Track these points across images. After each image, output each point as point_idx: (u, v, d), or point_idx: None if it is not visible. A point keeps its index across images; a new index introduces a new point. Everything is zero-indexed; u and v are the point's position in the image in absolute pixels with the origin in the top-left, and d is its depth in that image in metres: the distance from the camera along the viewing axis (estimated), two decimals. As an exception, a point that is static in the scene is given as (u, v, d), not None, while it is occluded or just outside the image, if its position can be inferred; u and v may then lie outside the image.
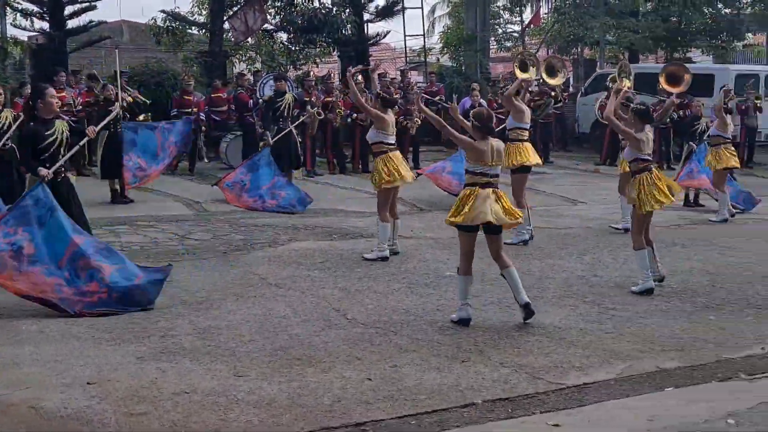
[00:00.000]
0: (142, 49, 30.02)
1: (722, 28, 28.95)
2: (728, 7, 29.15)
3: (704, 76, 22.54)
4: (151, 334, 7.30)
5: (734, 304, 8.71)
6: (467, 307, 7.82)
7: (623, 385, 6.43)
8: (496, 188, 7.84)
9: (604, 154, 21.49)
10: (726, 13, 29.22)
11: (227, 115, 19.61)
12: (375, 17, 26.53)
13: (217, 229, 12.10)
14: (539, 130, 21.65)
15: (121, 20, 32.99)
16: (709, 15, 29.10)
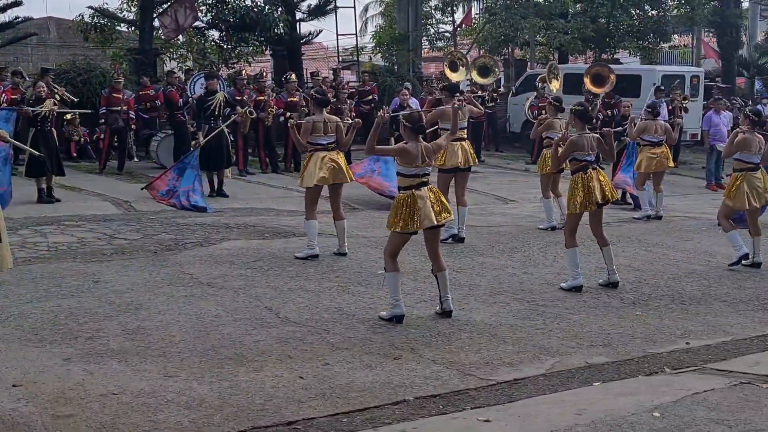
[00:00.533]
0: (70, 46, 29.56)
1: (649, 29, 29.48)
2: (654, 8, 29.70)
3: (631, 77, 22.99)
4: (78, 336, 7.18)
5: (660, 300, 8.90)
6: (400, 304, 7.85)
7: (552, 381, 6.53)
8: (430, 185, 7.95)
9: (534, 153, 21.72)
10: (652, 14, 29.77)
11: (156, 113, 19.38)
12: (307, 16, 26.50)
13: (146, 228, 11.94)
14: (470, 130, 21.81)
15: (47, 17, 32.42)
16: (636, 16, 29.64)
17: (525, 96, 23.56)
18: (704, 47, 34.70)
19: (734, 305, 8.80)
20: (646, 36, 29.79)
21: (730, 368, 6.81)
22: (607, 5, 28.32)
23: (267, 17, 23.95)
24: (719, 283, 9.70)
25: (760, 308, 8.70)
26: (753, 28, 34.33)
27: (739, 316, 8.42)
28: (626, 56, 33.06)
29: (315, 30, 26.94)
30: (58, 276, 9.10)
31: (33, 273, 9.15)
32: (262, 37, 25.00)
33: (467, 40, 33.84)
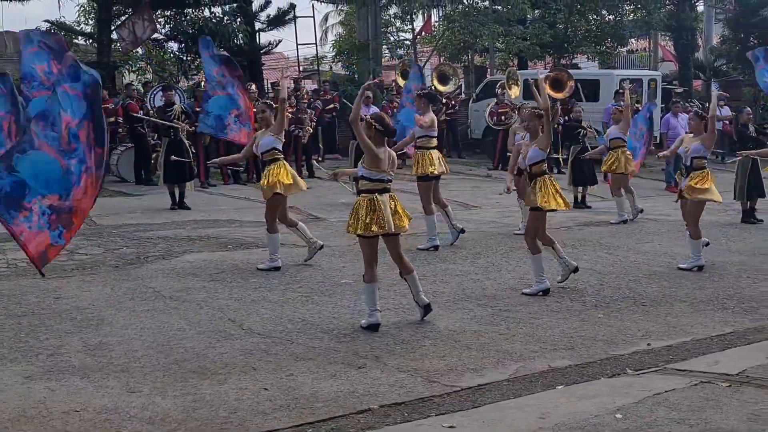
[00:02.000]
0: (27, 60, 29.20)
1: (606, 34, 29.78)
2: (611, 13, 30.00)
3: (590, 82, 23.22)
4: (39, 353, 7.11)
5: (621, 302, 8.98)
6: (377, 313, 7.89)
7: (516, 385, 6.56)
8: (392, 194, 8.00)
9: (496, 159, 21.86)
10: (609, 19, 30.07)
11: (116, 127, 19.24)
12: (267, 26, 26.47)
13: (108, 243, 11.86)
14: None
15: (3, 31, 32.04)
16: (594, 21, 29.93)
17: (486, 102, 23.69)
18: (661, 51, 35.12)
19: (694, 305, 8.90)
20: (604, 41, 30.10)
21: (690, 368, 6.89)
22: (564, 11, 28.60)
23: (226, 28, 23.88)
24: (679, 284, 9.80)
25: (719, 308, 8.80)
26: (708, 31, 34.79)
27: (699, 316, 8.52)
28: (585, 61, 33.36)
29: (275, 40, 26.94)
30: (18, 293, 9.02)
31: (-8, 290, 9.05)
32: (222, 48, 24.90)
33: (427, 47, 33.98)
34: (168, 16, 24.68)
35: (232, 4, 25.12)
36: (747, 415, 5.74)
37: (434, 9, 31.32)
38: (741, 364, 6.86)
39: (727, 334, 7.91)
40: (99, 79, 7.44)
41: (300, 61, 29.58)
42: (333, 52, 32.59)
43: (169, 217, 14.15)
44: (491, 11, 28.07)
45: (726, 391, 6.21)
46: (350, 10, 34.07)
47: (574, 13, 28.85)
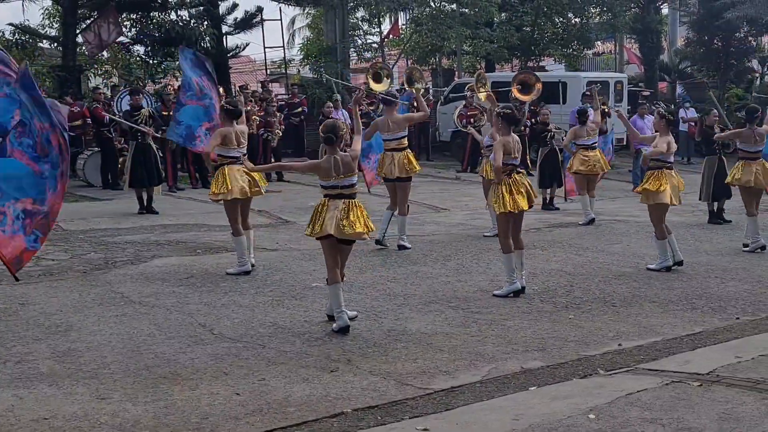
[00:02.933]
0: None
1: (572, 36, 29.99)
2: (577, 16, 30.20)
3: (557, 84, 23.33)
4: (6, 360, 7.01)
5: (592, 303, 9.01)
6: (343, 315, 7.86)
7: (489, 387, 6.56)
8: (352, 198, 7.93)
9: (465, 161, 21.90)
10: (576, 22, 30.27)
11: (82, 131, 19.06)
12: (234, 30, 26.37)
13: (75, 248, 11.73)
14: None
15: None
16: (560, 24, 30.11)
17: (454, 105, 23.73)
18: (627, 53, 35.38)
19: (664, 305, 8.95)
20: (570, 43, 30.30)
21: (661, 368, 6.93)
22: (531, 14, 28.75)
23: (193, 31, 23.76)
24: (649, 284, 9.86)
25: (689, 308, 8.86)
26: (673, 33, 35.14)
27: (669, 316, 8.57)
28: (552, 63, 33.55)
29: (242, 43, 26.90)
30: (-16, 300, 8.90)
31: (-43, 298, 8.92)
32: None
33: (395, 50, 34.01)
34: (134, 19, 24.54)
35: (199, 8, 25.02)
36: (718, 414, 5.78)
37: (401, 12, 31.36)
38: (711, 364, 6.91)
39: (697, 333, 7.96)
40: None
41: (267, 65, 29.48)
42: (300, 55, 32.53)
43: (137, 221, 14.04)
44: (458, 14, 28.16)
45: (697, 391, 6.25)
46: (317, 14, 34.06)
47: (541, 16, 29.03)
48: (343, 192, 7.90)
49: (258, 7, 26.58)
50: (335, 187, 7.89)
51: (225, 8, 26.06)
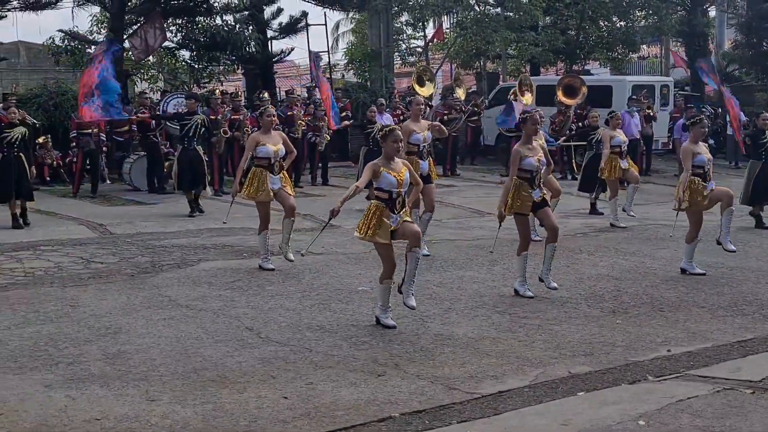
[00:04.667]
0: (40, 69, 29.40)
1: (618, 40, 29.75)
2: (623, 19, 29.96)
3: (602, 88, 23.17)
4: (58, 362, 7.10)
5: (640, 308, 8.93)
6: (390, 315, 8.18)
7: (537, 392, 6.53)
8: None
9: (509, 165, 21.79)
10: (621, 25, 30.03)
11: (129, 136, 19.28)
12: (279, 34, 26.48)
13: (123, 251, 11.86)
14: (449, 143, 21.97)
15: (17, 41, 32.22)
16: (605, 28, 29.89)
17: (498, 109, 23.64)
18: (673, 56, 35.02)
19: (713, 311, 8.85)
20: (615, 47, 30.06)
21: (712, 374, 6.85)
22: (576, 17, 28.58)
23: (238, 36, 23.90)
24: (697, 289, 9.75)
25: (738, 314, 8.75)
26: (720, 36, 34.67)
27: (719, 322, 8.46)
28: (597, 67, 33.33)
29: (287, 48, 26.95)
30: (36, 302, 9.02)
31: (10, 299, 9.05)
32: (234, 56, 24.96)
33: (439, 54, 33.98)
34: (179, 24, 24.71)
35: (244, 12, 25.17)
36: (772, 421, 5.71)
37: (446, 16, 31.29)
38: (764, 371, 6.83)
39: (748, 340, 7.86)
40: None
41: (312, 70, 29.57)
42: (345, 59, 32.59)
43: (183, 225, 14.16)
44: (503, 18, 28.09)
45: (750, 398, 6.17)
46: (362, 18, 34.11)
47: (586, 20, 28.84)
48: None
49: (303, 11, 26.69)
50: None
51: (270, 13, 26.22)
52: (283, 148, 10.69)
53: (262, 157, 10.63)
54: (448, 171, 21.95)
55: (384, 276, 8.14)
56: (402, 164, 8.21)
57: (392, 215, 7.97)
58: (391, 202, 8.01)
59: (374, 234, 7.95)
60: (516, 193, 9.33)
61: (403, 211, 8.08)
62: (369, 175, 7.96)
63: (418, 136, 11.45)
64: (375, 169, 7.99)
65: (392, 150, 8.13)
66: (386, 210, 7.98)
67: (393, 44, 29.34)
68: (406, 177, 8.11)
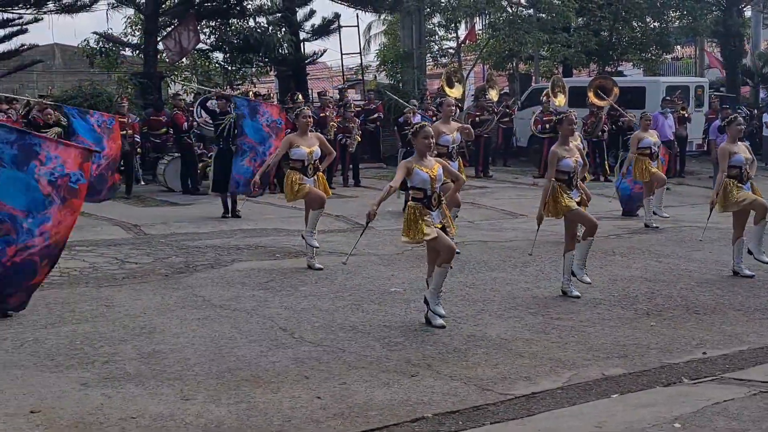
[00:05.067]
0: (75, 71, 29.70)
1: (651, 41, 29.55)
2: (656, 20, 29.74)
3: (636, 89, 23.04)
4: (94, 360, 7.18)
5: (674, 311, 8.87)
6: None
7: (570, 393, 6.51)
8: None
9: (542, 167, 21.72)
10: (654, 26, 29.81)
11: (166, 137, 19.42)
12: (311, 36, 26.55)
13: (157, 252, 11.96)
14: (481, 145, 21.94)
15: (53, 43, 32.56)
16: (638, 28, 29.69)
17: (530, 110, 23.60)
18: (708, 57, 34.73)
19: (749, 314, 8.77)
20: (649, 47, 29.86)
21: (748, 377, 6.79)
22: (609, 18, 28.42)
23: (271, 38, 23.99)
24: (732, 292, 9.67)
25: (775, 316, 8.67)
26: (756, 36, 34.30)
27: (755, 324, 8.39)
28: (630, 68, 33.11)
29: (319, 50, 27.01)
30: (72, 301, 9.12)
31: (47, 299, 9.15)
32: (267, 58, 25.06)
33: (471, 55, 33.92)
34: (213, 26, 24.87)
35: (277, 15, 25.26)
36: (809, 425, 5.64)
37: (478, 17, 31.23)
38: (801, 374, 6.76)
39: (785, 343, 7.78)
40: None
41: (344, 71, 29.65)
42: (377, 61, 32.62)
43: (217, 226, 14.24)
44: (536, 19, 27.98)
45: (787, 402, 6.11)
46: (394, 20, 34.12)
47: (619, 20, 28.66)
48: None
49: (335, 13, 26.75)
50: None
51: (303, 15, 26.30)
52: (318, 150, 10.70)
53: (296, 159, 10.65)
54: (481, 172, 21.92)
55: (443, 261, 8.08)
56: (434, 161, 8.22)
57: (431, 212, 7.98)
58: (427, 199, 8.01)
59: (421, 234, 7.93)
60: (553, 195, 9.30)
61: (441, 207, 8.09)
62: (402, 173, 7.97)
63: (448, 137, 11.50)
64: (408, 167, 8.01)
65: (423, 147, 8.14)
66: (424, 209, 7.98)
67: (425, 46, 29.30)
68: (438, 173, 8.11)
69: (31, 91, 26.66)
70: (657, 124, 19.60)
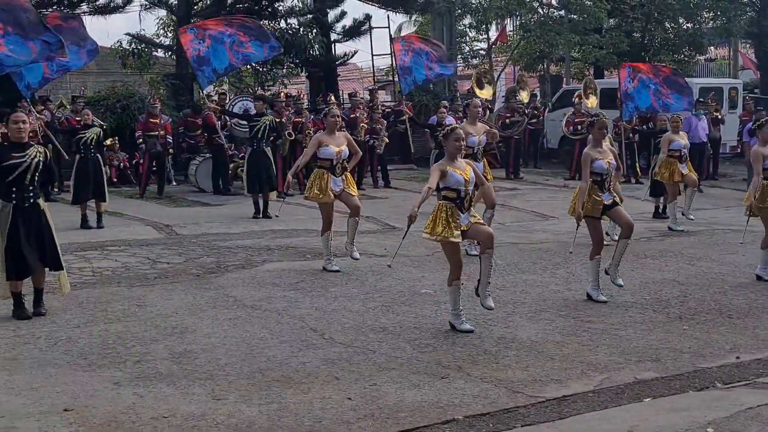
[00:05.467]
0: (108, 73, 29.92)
1: (684, 42, 29.32)
2: (689, 21, 29.52)
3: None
4: (126, 359, 7.23)
5: (707, 314, 8.79)
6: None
7: (602, 397, 6.47)
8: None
9: (573, 168, 21.63)
10: (687, 27, 29.59)
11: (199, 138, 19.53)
12: (342, 37, 26.62)
13: (188, 252, 12.02)
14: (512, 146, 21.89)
15: (85, 44, 32.72)
16: (671, 30, 29.48)
17: (562, 112, 23.51)
18: (742, 58, 34.41)
19: (783, 318, 8.68)
20: (682, 49, 29.63)
21: (783, 382, 6.73)
22: (641, 19, 28.22)
23: (302, 39, 24.07)
24: (766, 295, 9.57)
25: (810, 321, 8.57)
26: (791, 37, 33.97)
27: (789, 329, 8.30)
28: (662, 69, 32.81)
29: (350, 51, 27.07)
30: (104, 301, 9.19)
31: (79, 298, 9.23)
32: (298, 59, 25.14)
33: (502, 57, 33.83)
34: (245, 28, 24.95)
35: (308, 16, 25.33)
36: None
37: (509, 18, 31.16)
38: (836, 379, 6.67)
39: (820, 347, 7.69)
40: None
41: (375, 72, 29.67)
42: (407, 62, 32.58)
43: (248, 226, 14.30)
44: (567, 20, 27.86)
45: (822, 407, 6.03)
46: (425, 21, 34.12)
47: (652, 21, 28.45)
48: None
49: (366, 14, 26.83)
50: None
51: (334, 16, 26.38)
52: (346, 150, 10.73)
53: (324, 158, 10.69)
54: (511, 174, 21.86)
55: (452, 278, 8.13)
56: (465, 163, 8.23)
57: (461, 214, 7.99)
58: (460, 201, 8.02)
59: (444, 234, 7.94)
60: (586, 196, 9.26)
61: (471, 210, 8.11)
62: (437, 175, 7.97)
63: (474, 138, 11.51)
64: (442, 169, 8.01)
65: (454, 149, 8.14)
66: (455, 209, 7.98)
67: (456, 47, 29.27)
68: (471, 175, 8.12)
69: (64, 92, 26.86)
70: (690, 126, 19.47)
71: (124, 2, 24.04)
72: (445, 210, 7.99)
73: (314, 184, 10.73)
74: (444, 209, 8.00)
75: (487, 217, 11.61)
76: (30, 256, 8.32)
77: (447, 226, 7.93)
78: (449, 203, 8.02)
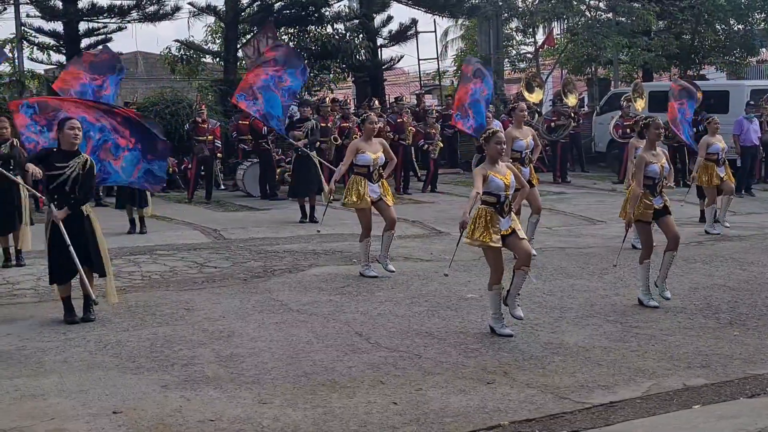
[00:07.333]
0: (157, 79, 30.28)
1: (735, 44, 28.91)
2: (740, 23, 29.10)
3: (719, 93, 22.52)
4: (174, 363, 7.30)
5: (758, 320, 8.65)
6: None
7: (650, 403, 6.39)
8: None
9: (622, 172, 21.39)
10: (739, 29, 29.17)
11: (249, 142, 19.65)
12: (389, 42, 26.67)
13: (235, 256, 12.11)
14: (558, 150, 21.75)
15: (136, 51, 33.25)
16: (722, 31, 29.09)
17: (610, 115, 23.30)
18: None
19: (837, 324, 8.50)
20: (733, 50, 29.22)
21: (837, 390, 6.59)
22: (691, 21, 27.89)
23: (349, 44, 24.16)
24: (820, 301, 9.40)
25: None
26: None
27: (843, 335, 8.13)
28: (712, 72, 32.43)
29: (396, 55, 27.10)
30: (153, 304, 9.28)
31: (128, 302, 9.34)
32: (344, 64, 25.22)
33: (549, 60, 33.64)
34: (291, 33, 25.13)
35: (355, 21, 25.41)
36: None
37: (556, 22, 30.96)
38: None
39: None
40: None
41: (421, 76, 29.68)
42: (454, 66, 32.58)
43: (294, 231, 14.37)
44: (615, 23, 27.61)
45: None
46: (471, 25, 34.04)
47: (702, 23, 28.10)
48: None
49: (412, 19, 26.87)
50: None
51: (380, 21, 26.45)
52: (383, 156, 10.73)
53: (361, 165, 10.67)
54: (558, 178, 21.71)
55: (492, 282, 8.12)
56: (506, 167, 8.19)
57: (501, 219, 7.96)
58: (500, 205, 7.99)
59: (483, 238, 7.92)
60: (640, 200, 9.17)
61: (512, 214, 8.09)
62: (481, 180, 7.95)
63: (521, 142, 11.48)
64: (483, 173, 7.98)
65: (495, 152, 8.10)
66: (495, 214, 7.96)
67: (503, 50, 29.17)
68: (511, 179, 8.09)
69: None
70: (742, 129, 19.19)
71: (173, 9, 24.32)
72: (485, 215, 7.97)
73: (351, 191, 10.70)
74: (484, 214, 7.98)
75: (533, 222, 11.63)
76: (71, 261, 8.38)
77: (486, 230, 7.91)
78: (489, 208, 7.99)
